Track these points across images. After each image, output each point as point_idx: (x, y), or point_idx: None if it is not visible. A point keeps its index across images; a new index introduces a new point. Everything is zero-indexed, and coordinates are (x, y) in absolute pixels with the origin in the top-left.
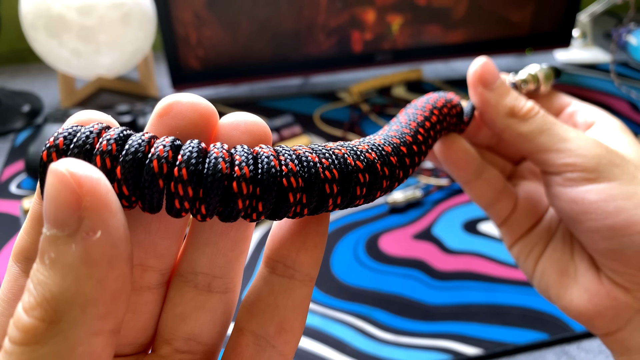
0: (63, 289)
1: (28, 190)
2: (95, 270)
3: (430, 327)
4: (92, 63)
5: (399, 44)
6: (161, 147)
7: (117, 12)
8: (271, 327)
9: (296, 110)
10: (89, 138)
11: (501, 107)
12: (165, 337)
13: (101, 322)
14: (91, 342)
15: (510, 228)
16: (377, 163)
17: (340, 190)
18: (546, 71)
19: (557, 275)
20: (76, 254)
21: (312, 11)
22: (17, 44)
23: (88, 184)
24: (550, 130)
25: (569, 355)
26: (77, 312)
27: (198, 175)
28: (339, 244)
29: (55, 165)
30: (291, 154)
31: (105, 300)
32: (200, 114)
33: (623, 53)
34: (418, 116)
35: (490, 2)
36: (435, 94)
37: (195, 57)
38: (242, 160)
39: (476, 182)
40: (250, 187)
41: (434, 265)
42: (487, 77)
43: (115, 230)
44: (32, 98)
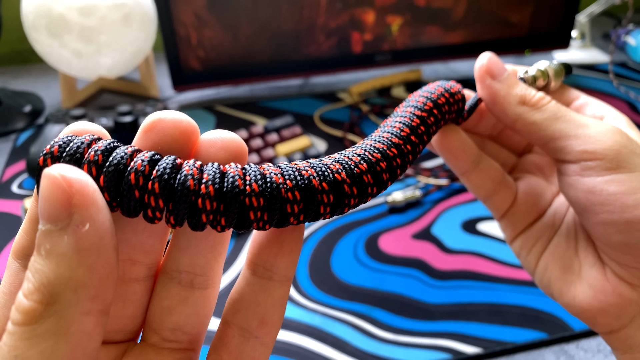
0: (57, 275)
1: (29, 190)
2: (85, 257)
3: (430, 326)
4: (93, 63)
5: (398, 45)
6: (140, 161)
7: (118, 13)
8: (254, 321)
9: (296, 111)
10: (79, 148)
11: (511, 97)
12: (154, 327)
13: (91, 303)
14: (83, 321)
15: (510, 222)
16: (345, 184)
17: (302, 209)
18: (556, 67)
19: (561, 272)
20: (68, 245)
21: (312, 12)
22: (18, 45)
23: (77, 184)
24: (565, 116)
25: (567, 355)
26: (70, 294)
27: (169, 189)
28: (339, 243)
29: (49, 169)
30: (257, 174)
31: (95, 284)
32: (181, 131)
33: (622, 54)
34: (415, 118)
35: (490, 3)
36: (437, 84)
37: (195, 58)
38: (209, 179)
39: (473, 172)
40: (214, 204)
41: (434, 265)
42: (495, 69)
43: (101, 224)
44: (33, 98)
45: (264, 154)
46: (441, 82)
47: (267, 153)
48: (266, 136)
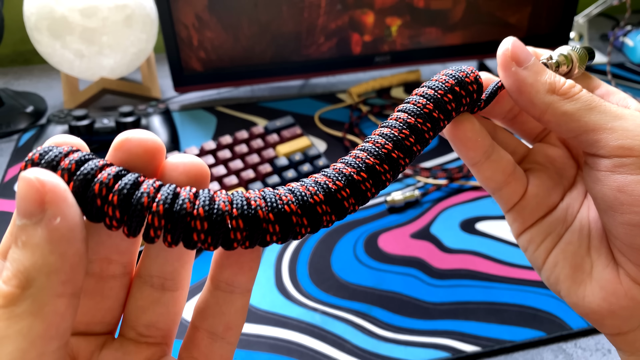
0: (32, 262)
1: None
2: (57, 247)
3: (429, 325)
4: (95, 64)
5: (397, 46)
6: (106, 174)
7: (119, 14)
8: (220, 327)
9: (296, 111)
10: (57, 157)
11: (539, 85)
12: (130, 324)
13: (63, 287)
14: (56, 303)
15: (519, 215)
16: (294, 215)
17: (246, 236)
18: (580, 52)
19: (571, 270)
20: (41, 236)
21: (312, 14)
22: (20, 46)
23: (49, 185)
24: (599, 107)
25: (566, 353)
26: (43, 279)
27: (126, 203)
28: (339, 243)
29: (25, 172)
30: (206, 199)
31: (66, 270)
32: (146, 150)
33: (619, 54)
34: (404, 129)
35: (488, 4)
36: (451, 72)
37: (197, 59)
38: (161, 199)
39: (485, 163)
40: (162, 221)
41: (432, 264)
42: (520, 55)
43: (71, 218)
44: (35, 99)
45: (265, 154)
46: (456, 69)
47: (267, 153)
48: (266, 137)
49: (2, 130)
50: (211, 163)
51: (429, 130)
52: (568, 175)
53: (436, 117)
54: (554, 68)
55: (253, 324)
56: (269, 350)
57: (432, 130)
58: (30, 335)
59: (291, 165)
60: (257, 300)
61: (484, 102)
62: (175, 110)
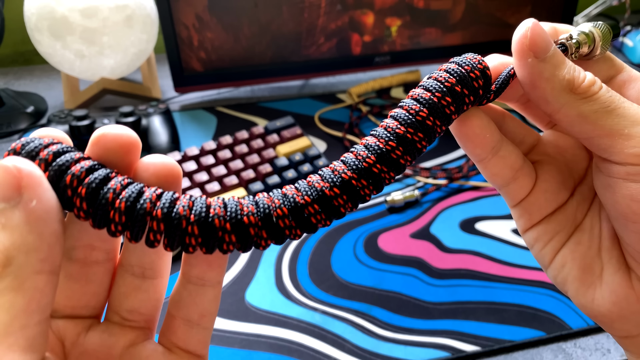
0: (11, 242)
1: None
2: (34, 227)
3: (428, 325)
4: (96, 65)
5: (397, 46)
6: (79, 167)
7: (120, 15)
8: (195, 315)
9: (296, 112)
10: (37, 148)
11: (557, 81)
12: (114, 309)
13: (41, 264)
14: (35, 279)
15: (525, 211)
16: (250, 227)
17: (201, 243)
18: (603, 29)
19: (580, 272)
20: (20, 217)
21: (312, 14)
22: (21, 46)
23: (25, 171)
24: (618, 109)
25: (565, 353)
26: (22, 257)
27: (93, 196)
28: (339, 242)
29: (3, 160)
30: (168, 202)
31: (44, 248)
32: (121, 145)
33: (619, 55)
34: (391, 141)
35: (488, 4)
36: (453, 67)
37: (197, 59)
38: (124, 196)
39: (492, 160)
40: (122, 217)
41: (432, 264)
42: (540, 44)
43: (47, 201)
44: (36, 99)
45: (265, 154)
46: (460, 62)
47: (267, 153)
48: (267, 137)
49: (2, 130)
50: (211, 163)
51: (422, 140)
52: (579, 168)
53: (430, 124)
54: (573, 49)
55: (253, 324)
56: (269, 349)
57: (425, 139)
58: (12, 309)
59: (291, 166)
60: (257, 300)
61: (493, 94)
62: (176, 110)
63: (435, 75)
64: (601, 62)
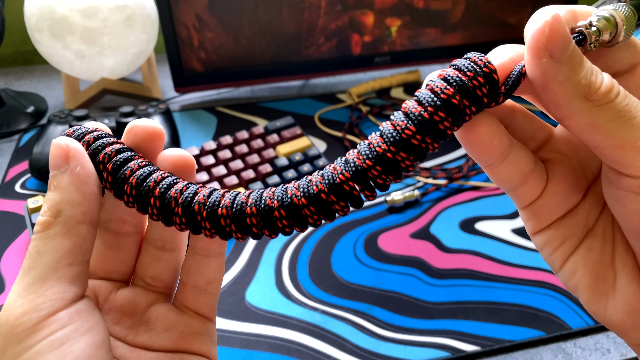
0: (61, 198)
1: (32, 190)
2: (78, 187)
3: (429, 325)
4: (96, 65)
5: (397, 47)
6: (111, 148)
7: (120, 15)
8: (202, 281)
9: (296, 112)
10: (82, 133)
11: (572, 86)
12: (139, 276)
13: (83, 216)
14: (78, 227)
15: (535, 214)
16: (222, 218)
17: (185, 224)
18: (627, 12)
19: (591, 280)
20: (67, 180)
21: (312, 14)
22: (21, 46)
23: (72, 146)
24: (634, 120)
25: (565, 353)
26: (69, 209)
27: (116, 171)
28: (339, 243)
29: (56, 139)
30: (165, 185)
31: (85, 204)
32: (148, 133)
33: None
34: (367, 160)
35: (488, 4)
36: (454, 73)
37: (197, 59)
38: (135, 175)
39: (500, 165)
40: (133, 191)
41: (432, 264)
42: (558, 43)
43: (87, 169)
44: (36, 99)
45: (265, 154)
46: (462, 66)
47: (267, 153)
48: (267, 137)
49: (3, 131)
50: (211, 163)
51: (405, 160)
52: (593, 166)
53: (417, 143)
54: (593, 38)
55: (253, 324)
56: (269, 349)
57: (410, 158)
58: (61, 250)
59: (291, 166)
60: (257, 300)
61: (502, 97)
62: (176, 110)
63: (431, 84)
64: (624, 48)
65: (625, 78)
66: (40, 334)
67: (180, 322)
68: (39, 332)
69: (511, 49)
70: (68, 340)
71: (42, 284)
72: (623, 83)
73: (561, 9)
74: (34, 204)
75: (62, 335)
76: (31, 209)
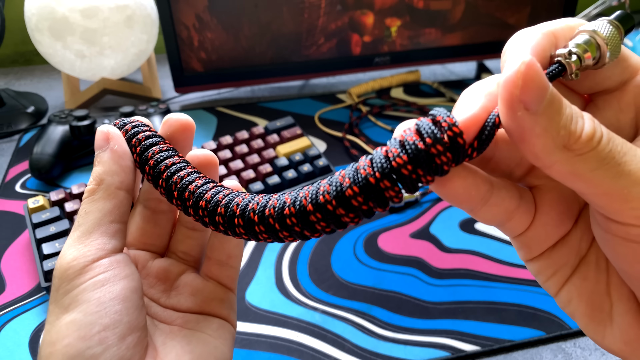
0: (103, 170)
1: (32, 190)
2: (117, 161)
3: (428, 324)
4: (96, 65)
5: (397, 47)
6: (142, 135)
7: (120, 15)
8: (224, 256)
9: (296, 112)
10: (125, 124)
11: (551, 138)
12: (172, 250)
13: (121, 184)
14: (117, 193)
15: (524, 244)
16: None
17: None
18: (610, 33)
19: (588, 308)
20: (108, 155)
21: (312, 14)
22: (21, 46)
23: (111, 131)
24: (618, 167)
25: (565, 352)
26: (109, 178)
27: (142, 153)
28: (339, 242)
29: (99, 127)
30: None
31: (122, 174)
32: (181, 124)
33: None
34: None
35: (488, 4)
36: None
37: (197, 59)
38: (154, 159)
39: (482, 209)
40: (151, 171)
41: (432, 264)
42: (533, 94)
43: (123, 148)
44: (36, 99)
45: (265, 154)
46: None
47: (267, 153)
48: (267, 137)
49: (3, 131)
50: None
51: (344, 216)
52: None
53: (357, 205)
54: (574, 68)
55: (253, 324)
56: (269, 349)
57: (350, 216)
58: (103, 210)
59: (291, 166)
60: (257, 300)
61: (477, 152)
62: (176, 110)
63: (388, 146)
64: (613, 64)
65: (616, 96)
66: (86, 276)
67: (205, 289)
68: (85, 274)
69: (483, 92)
70: (108, 282)
71: (88, 236)
72: (614, 101)
73: (537, 33)
74: (34, 204)
75: (103, 277)
76: (31, 209)
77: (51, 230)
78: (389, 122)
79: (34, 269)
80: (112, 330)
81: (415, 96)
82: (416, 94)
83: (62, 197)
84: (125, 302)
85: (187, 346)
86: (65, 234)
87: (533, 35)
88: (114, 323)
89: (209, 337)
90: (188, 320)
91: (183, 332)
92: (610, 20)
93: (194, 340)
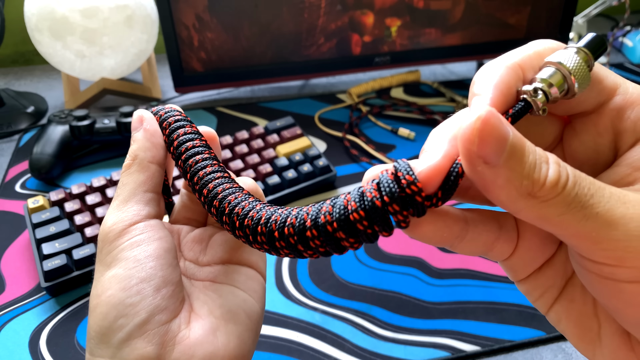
0: (137, 147)
1: (32, 190)
2: (149, 138)
3: (428, 325)
4: (96, 65)
5: (397, 47)
6: (172, 119)
7: (120, 15)
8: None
9: (296, 112)
10: (159, 110)
11: (514, 189)
12: (210, 224)
13: (152, 158)
14: (149, 166)
15: (510, 268)
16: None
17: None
18: (576, 64)
19: (577, 329)
20: (141, 134)
21: (312, 14)
22: (21, 46)
23: (145, 114)
24: (585, 210)
25: (565, 352)
26: (142, 153)
27: (169, 135)
28: None
29: (136, 112)
30: (196, 161)
31: (154, 150)
32: (207, 137)
33: (619, 55)
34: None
35: (488, 4)
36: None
37: (197, 59)
38: (180, 140)
39: (460, 244)
40: (175, 151)
41: (432, 264)
42: (491, 149)
43: (155, 127)
44: (36, 99)
45: (265, 154)
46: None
47: (267, 153)
48: (267, 137)
49: (3, 131)
50: None
51: (304, 252)
52: None
53: (314, 246)
54: (540, 104)
55: None
56: (269, 349)
57: (309, 252)
58: (137, 180)
59: (291, 166)
60: None
61: (442, 200)
62: None
63: (350, 196)
64: (587, 89)
65: (593, 119)
66: (124, 237)
67: (232, 239)
68: (123, 236)
69: (447, 137)
70: (143, 242)
71: (125, 204)
72: (591, 125)
73: (502, 68)
74: (34, 204)
75: (139, 239)
76: (31, 209)
77: (51, 230)
78: (389, 122)
79: (34, 269)
80: (147, 282)
81: (415, 96)
82: (416, 93)
83: (62, 197)
84: (159, 259)
85: (217, 300)
86: (65, 234)
87: (497, 70)
88: (149, 277)
89: (237, 289)
90: (218, 274)
91: (214, 286)
92: (578, 49)
93: (224, 293)
